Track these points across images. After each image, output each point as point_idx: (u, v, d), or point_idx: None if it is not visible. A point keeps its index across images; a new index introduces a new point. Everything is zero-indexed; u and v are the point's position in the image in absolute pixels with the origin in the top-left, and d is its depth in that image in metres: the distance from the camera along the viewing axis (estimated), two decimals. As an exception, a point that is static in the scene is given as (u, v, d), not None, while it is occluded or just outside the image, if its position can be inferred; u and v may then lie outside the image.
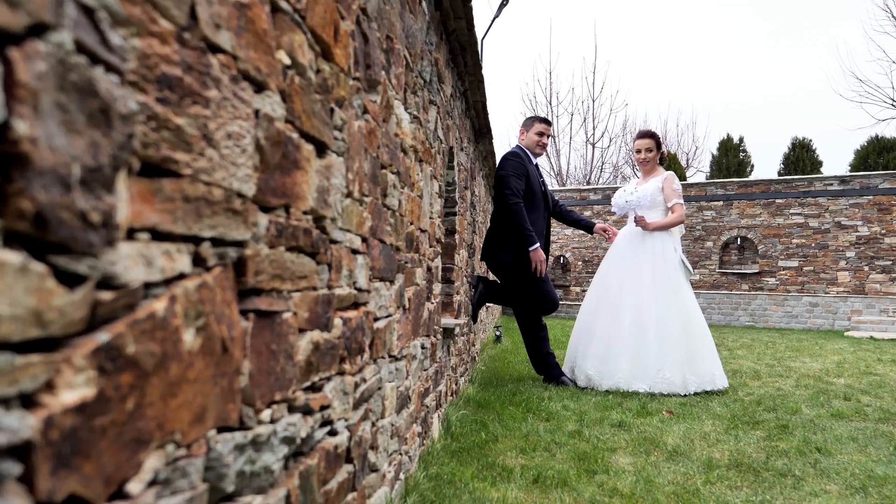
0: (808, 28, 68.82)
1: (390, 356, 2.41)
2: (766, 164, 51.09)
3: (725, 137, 26.16)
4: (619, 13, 60.41)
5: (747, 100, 60.38)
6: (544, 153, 6.68)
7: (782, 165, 24.96)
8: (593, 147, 30.04)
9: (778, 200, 18.88)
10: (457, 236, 4.93)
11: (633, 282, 6.27)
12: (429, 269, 3.38)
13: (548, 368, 6.40)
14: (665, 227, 6.43)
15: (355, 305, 1.89)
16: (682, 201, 6.50)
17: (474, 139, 6.73)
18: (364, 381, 1.95)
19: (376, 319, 2.17)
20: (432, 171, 3.46)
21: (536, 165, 6.52)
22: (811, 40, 66.84)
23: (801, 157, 24.41)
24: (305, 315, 1.43)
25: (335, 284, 1.66)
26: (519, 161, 6.22)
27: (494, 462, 3.47)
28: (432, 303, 3.55)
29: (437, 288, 3.74)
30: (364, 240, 1.99)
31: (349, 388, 1.77)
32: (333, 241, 1.65)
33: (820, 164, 24.63)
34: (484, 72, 5.06)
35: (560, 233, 20.57)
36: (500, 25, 57.21)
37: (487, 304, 9.61)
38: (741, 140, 26.33)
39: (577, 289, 20.56)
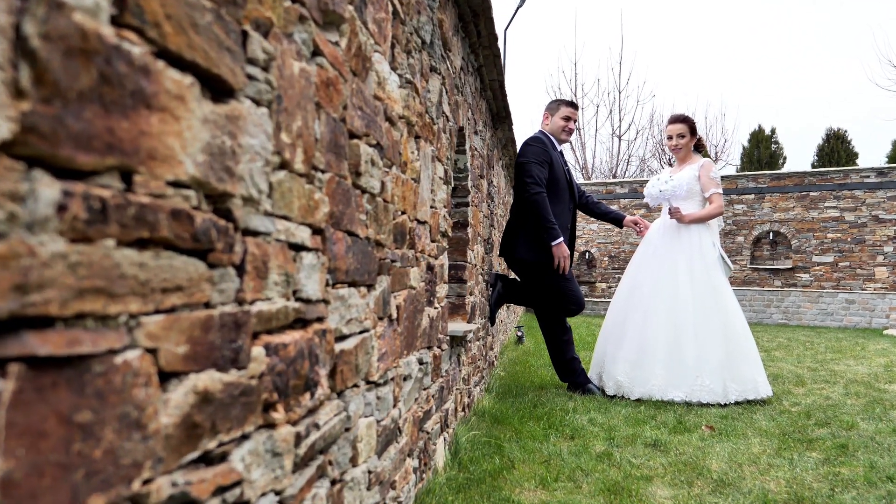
0: (842, 14, 67.19)
1: (368, 383, 1.86)
2: (799, 157, 49.92)
3: (757, 129, 25.36)
4: (647, 2, 59.37)
5: (779, 90, 59.16)
6: (570, 141, 6.09)
7: (816, 157, 24.14)
8: (619, 139, 29.29)
9: (812, 193, 18.21)
10: (470, 230, 4.37)
11: (668, 279, 5.68)
12: (430, 267, 2.82)
13: (572, 375, 5.83)
14: (702, 220, 5.83)
15: (301, 323, 1.35)
16: (720, 191, 5.89)
17: (492, 124, 6.15)
18: (316, 427, 1.40)
19: (341, 338, 1.62)
20: (434, 152, 2.90)
21: (561, 153, 5.93)
22: (845, 27, 65.30)
23: (835, 149, 23.56)
24: (182, 350, 0.89)
25: (255, 296, 1.11)
26: (542, 147, 5.63)
27: (509, 498, 2.92)
28: (435, 308, 2.99)
29: (443, 290, 3.18)
30: (318, 231, 1.44)
31: (284, 446, 1.22)
32: (250, 233, 1.10)
33: (855, 155, 23.76)
34: (507, 64, 4.48)
35: (585, 227, 19.99)
36: (523, 16, 56.50)
37: (507, 304, 9.00)
38: (773, 131, 25.50)
39: (603, 285, 19.98)
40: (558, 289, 5.63)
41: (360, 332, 1.77)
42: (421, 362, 2.64)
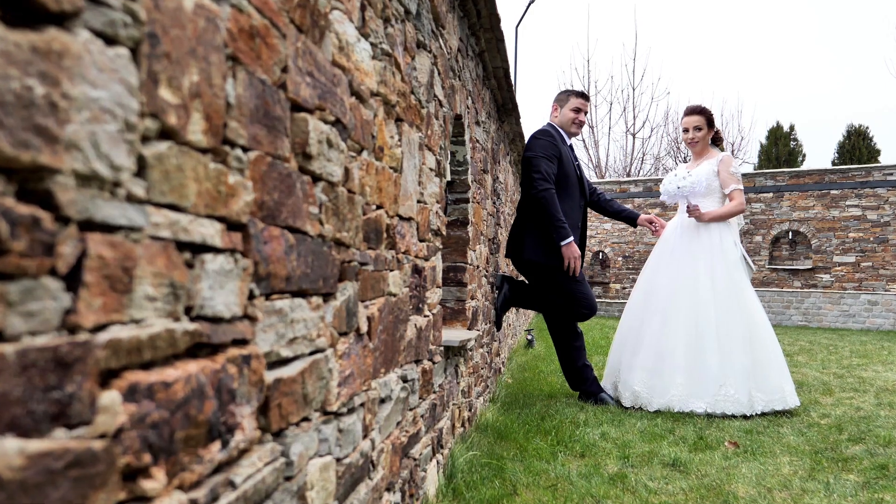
0: (863, 7, 66.25)
1: (325, 413, 1.51)
2: (818, 154, 49.18)
3: (775, 125, 24.87)
4: None
5: (797, 86, 58.43)
6: (580, 134, 5.71)
7: (836, 154, 23.64)
8: (633, 137, 28.82)
9: (833, 191, 17.84)
10: (470, 228, 4.02)
11: (688, 281, 5.30)
12: (417, 270, 2.47)
13: (584, 383, 5.46)
14: (723, 218, 5.45)
15: (205, 350, 1.00)
16: (741, 187, 5.51)
17: (497, 116, 5.79)
18: (231, 485, 1.05)
19: (278, 364, 1.27)
20: (423, 139, 2.55)
21: (571, 147, 5.56)
22: (866, 20, 64.39)
23: (857, 146, 23.04)
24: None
25: (103, 319, 0.77)
26: (550, 140, 5.26)
27: (508, 533, 2.57)
28: (425, 316, 2.64)
29: (435, 295, 2.83)
30: (236, 227, 1.09)
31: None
32: (97, 226, 0.76)
33: (878, 152, 23.22)
34: (518, 61, 4.14)
35: (598, 227, 19.64)
36: (535, 12, 56.06)
37: (516, 308, 8.55)
38: (792, 128, 24.99)
39: (617, 286, 19.63)
40: (569, 292, 5.26)
41: (311, 354, 1.43)
42: (405, 380, 2.29)
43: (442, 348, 2.98)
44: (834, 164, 23.49)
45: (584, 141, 28.38)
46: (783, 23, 66.60)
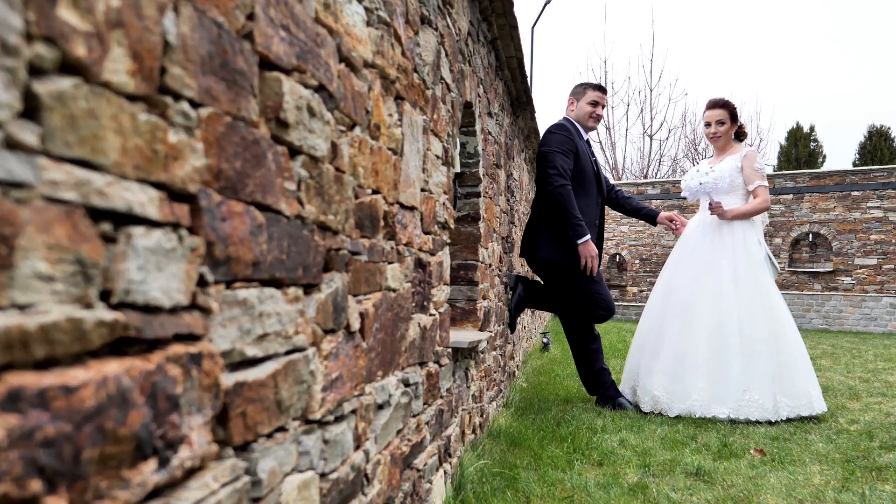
0: (879, 4, 65.44)
1: (307, 422, 1.31)
2: (839, 155, 48.36)
3: (795, 126, 24.47)
4: None
5: (817, 87, 57.78)
6: (596, 128, 5.49)
7: (857, 155, 23.25)
8: (651, 139, 28.49)
9: (854, 193, 17.53)
10: (482, 225, 3.81)
11: (710, 281, 5.06)
12: (421, 264, 2.27)
13: (602, 387, 5.24)
14: (747, 215, 5.21)
15: (137, 346, 0.81)
16: (766, 183, 5.27)
17: (511, 110, 5.58)
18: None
19: (242, 365, 1.08)
20: (428, 123, 2.35)
21: (588, 142, 5.34)
22: (887, 19, 63.60)
23: (878, 146, 22.64)
24: None
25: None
26: (566, 135, 5.05)
27: (520, 551, 2.36)
28: (431, 314, 2.44)
29: (442, 293, 2.63)
30: (181, 197, 0.90)
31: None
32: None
33: (900, 153, 22.79)
34: (535, 61, 3.94)
35: (615, 229, 19.39)
36: (551, 13, 55.75)
37: (532, 310, 8.27)
38: (812, 129, 24.59)
39: (634, 289, 19.33)
40: (585, 292, 5.04)
41: (287, 353, 1.23)
42: (407, 383, 2.08)
43: (450, 350, 2.78)
44: (855, 164, 23.11)
45: (600, 143, 28.10)
46: (801, 23, 65.94)
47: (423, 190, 2.27)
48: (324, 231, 1.39)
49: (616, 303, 19.23)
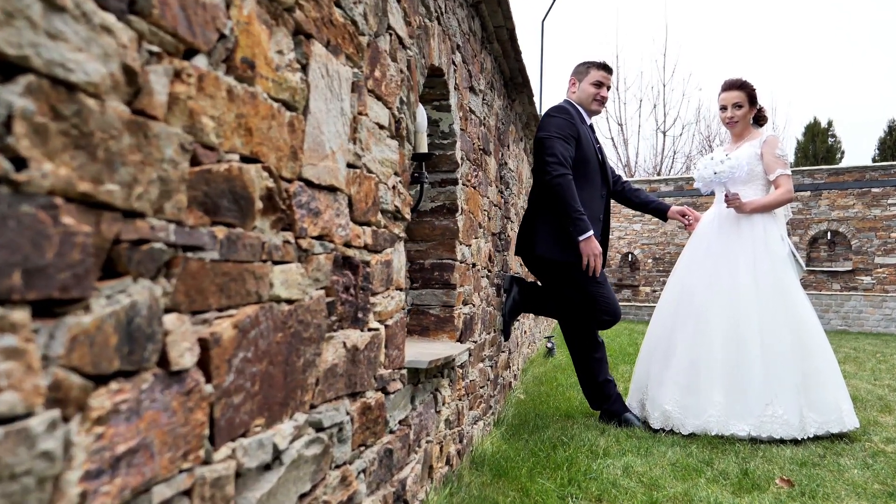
0: (896, 4, 64.33)
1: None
2: (858, 151, 47.37)
3: (812, 121, 23.80)
4: (692, -6, 57.36)
5: (834, 81, 56.83)
6: (600, 112, 4.91)
7: (877, 151, 22.61)
8: (664, 135, 27.85)
9: (874, 189, 17.09)
10: (460, 217, 3.24)
11: (727, 282, 4.49)
12: (350, 265, 1.71)
13: (606, 401, 4.67)
14: (768, 208, 4.63)
15: None
16: (788, 171, 4.70)
17: (505, 91, 5.01)
18: None
19: None
20: (360, 77, 1.79)
21: (591, 127, 4.77)
22: (899, 18, 62.51)
23: (899, 141, 21.95)
24: None
25: None
26: (567, 119, 4.47)
27: None
28: (368, 329, 1.88)
29: (391, 300, 2.07)
30: None
31: None
32: None
33: (921, 148, 22.12)
34: (545, 56, 3.38)
35: (627, 227, 18.87)
36: (562, 6, 54.99)
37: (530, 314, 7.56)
38: (830, 124, 23.93)
39: (647, 289, 18.78)
40: (588, 295, 4.47)
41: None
42: (319, 427, 1.52)
43: (404, 372, 2.21)
44: (874, 160, 22.45)
45: (612, 139, 27.48)
46: (815, 19, 64.87)
47: (351, 166, 1.71)
48: (95, 210, 0.83)
49: (628, 303, 18.68)
